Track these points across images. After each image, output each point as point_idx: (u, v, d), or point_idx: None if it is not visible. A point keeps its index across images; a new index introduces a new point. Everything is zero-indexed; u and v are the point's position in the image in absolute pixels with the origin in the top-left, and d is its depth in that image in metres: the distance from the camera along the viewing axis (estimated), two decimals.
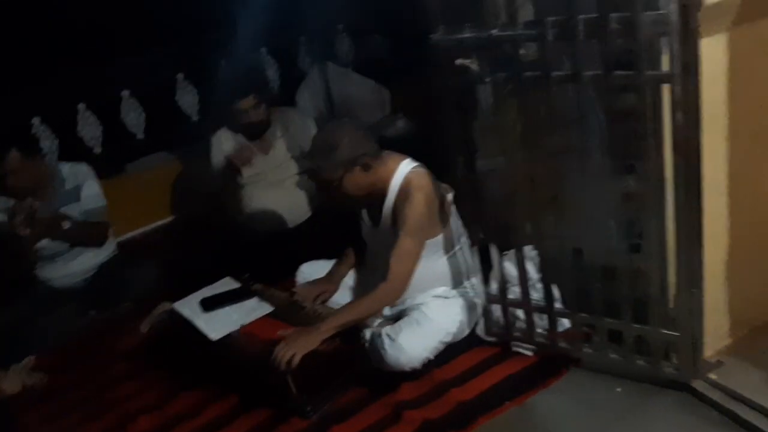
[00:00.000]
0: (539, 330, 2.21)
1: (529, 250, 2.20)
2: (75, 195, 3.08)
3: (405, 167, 2.22)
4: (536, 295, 2.20)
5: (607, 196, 1.91)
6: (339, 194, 2.21)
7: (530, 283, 2.20)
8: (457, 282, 2.36)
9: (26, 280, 3.11)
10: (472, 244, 2.27)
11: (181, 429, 2.31)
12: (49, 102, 3.65)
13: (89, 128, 3.79)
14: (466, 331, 2.34)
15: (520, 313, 2.23)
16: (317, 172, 2.21)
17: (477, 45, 1.82)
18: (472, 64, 1.85)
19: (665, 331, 1.90)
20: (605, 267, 1.97)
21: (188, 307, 2.50)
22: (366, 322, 2.30)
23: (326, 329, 2.11)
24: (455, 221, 2.33)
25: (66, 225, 2.96)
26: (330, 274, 2.51)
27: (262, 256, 2.98)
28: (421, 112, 3.61)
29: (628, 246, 1.92)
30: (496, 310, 2.28)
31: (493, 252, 2.20)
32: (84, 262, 3.14)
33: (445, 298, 2.32)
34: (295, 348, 2.05)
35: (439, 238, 2.28)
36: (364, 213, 2.39)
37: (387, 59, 4.20)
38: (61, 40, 3.50)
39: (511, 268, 2.25)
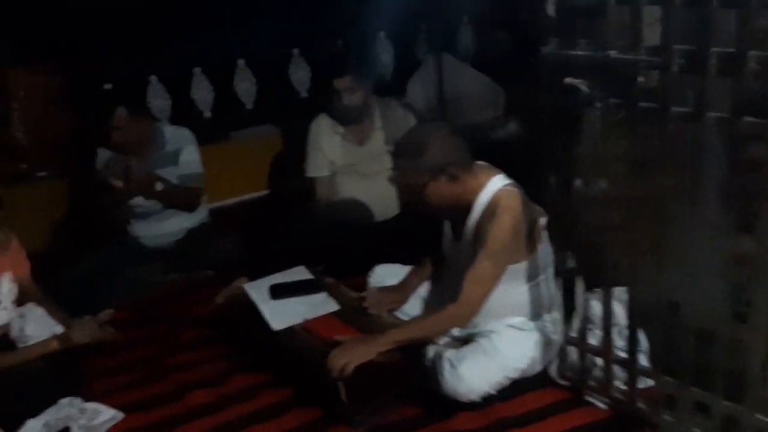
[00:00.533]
0: (618, 383, 2.00)
1: (620, 293, 1.99)
2: (174, 158, 3.14)
3: (495, 183, 2.06)
4: (621, 342, 1.99)
5: (716, 253, 1.67)
6: (421, 201, 2.09)
7: (616, 328, 2.00)
8: (536, 314, 2.18)
9: (117, 234, 3.21)
10: (558, 276, 2.08)
11: (234, 410, 2.29)
12: (168, 63, 3.73)
13: (202, 92, 3.86)
14: (538, 369, 2.17)
15: (599, 360, 2.03)
16: (400, 174, 2.09)
17: (590, 65, 1.63)
18: (582, 85, 1.66)
19: (760, 417, 1.65)
20: (702, 329, 1.74)
21: (258, 290, 2.46)
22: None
23: (384, 342, 2.01)
24: (545, 248, 2.15)
25: (159, 186, 3.01)
26: (403, 282, 2.40)
27: (342, 248, 2.91)
28: (534, 119, 3.40)
29: (732, 312, 1.68)
30: (574, 352, 2.09)
31: (579, 288, 2.01)
32: (174, 225, 3.20)
33: (520, 329, 2.14)
34: (349, 357, 1.96)
35: (523, 264, 2.11)
36: (447, 225, 2.25)
37: (508, 57, 3.99)
38: (187, 5, 3.57)
39: (597, 309, 2.05)
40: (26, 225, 3.62)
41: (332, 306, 2.35)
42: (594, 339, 2.04)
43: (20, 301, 2.65)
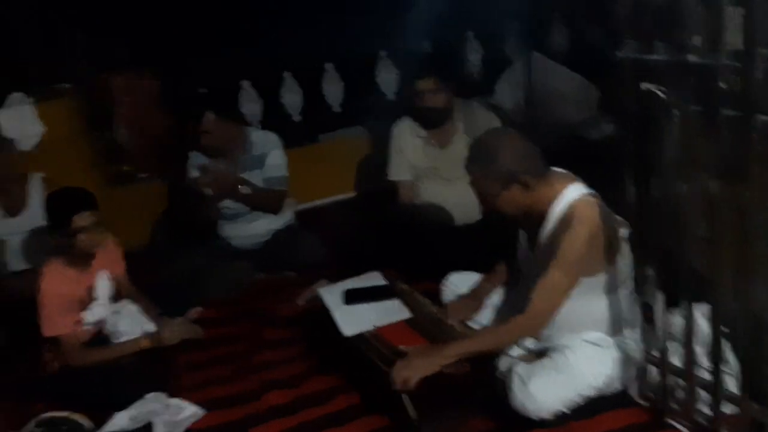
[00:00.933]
0: (702, 407, 1.87)
1: (706, 310, 1.85)
2: (260, 162, 3.23)
3: (572, 192, 1.97)
4: (707, 362, 1.85)
5: None
6: (494, 209, 2.03)
7: (702, 348, 1.86)
8: (615, 329, 2.07)
9: (207, 236, 3.34)
10: (637, 289, 1.97)
11: (308, 413, 2.32)
12: (260, 67, 3.84)
13: (291, 96, 3.95)
14: (617, 388, 2.06)
15: (682, 380, 1.90)
16: (474, 182, 2.04)
17: (668, 70, 1.52)
18: (659, 91, 1.55)
19: None
20: None
21: (332, 294, 2.49)
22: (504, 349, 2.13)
23: (450, 354, 1.97)
24: (626, 261, 2.03)
25: (245, 190, 3.10)
26: (475, 291, 2.35)
27: (421, 252, 2.89)
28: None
29: None
30: (655, 371, 1.97)
31: (659, 303, 1.89)
32: (260, 226, 3.29)
33: (597, 345, 2.04)
34: (413, 370, 1.93)
35: (601, 277, 2.01)
36: (522, 233, 2.18)
37: (602, 55, 3.81)
38: (276, 9, 3.65)
39: (679, 327, 1.92)
40: (127, 225, 3.85)
41: (404, 313, 2.33)
42: (678, 358, 1.91)
43: (115, 298, 2.81)
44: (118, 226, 3.74)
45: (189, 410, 2.42)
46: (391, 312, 2.34)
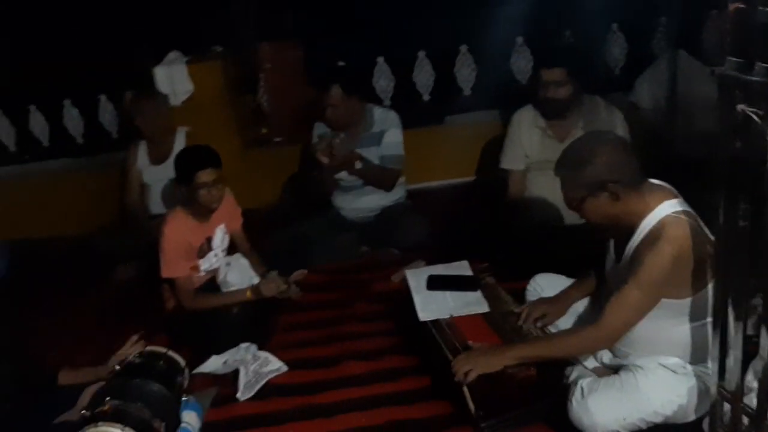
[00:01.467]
0: None
1: None
2: (378, 139, 3.32)
3: (665, 208, 1.87)
4: None
5: None
6: (577, 213, 1.98)
7: None
8: (697, 358, 1.95)
9: (323, 204, 3.49)
10: (715, 320, 1.84)
11: (379, 387, 2.42)
12: (395, 45, 3.91)
13: (423, 75, 3.99)
14: (691, 418, 1.94)
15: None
16: (562, 182, 1.99)
17: (764, 91, 1.39)
18: (756, 115, 1.42)
19: None
20: None
21: (418, 277, 2.54)
22: (577, 357, 2.08)
23: (512, 356, 1.96)
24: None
25: (359, 165, 3.21)
26: (560, 296, 2.29)
27: (519, 245, 2.85)
28: None
29: None
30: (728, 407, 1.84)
31: (733, 334, 1.75)
32: (371, 201, 3.40)
33: (673, 372, 1.93)
34: (473, 365, 1.95)
35: (687, 301, 1.90)
36: (611, 244, 2.09)
37: None
38: None
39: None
40: (258, 185, 4.14)
41: (483, 307, 2.34)
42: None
43: (229, 251, 3.04)
44: (250, 185, 4.07)
45: (274, 365, 2.60)
46: (470, 304, 2.36)
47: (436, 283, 2.47)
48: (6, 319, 3.24)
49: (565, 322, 2.27)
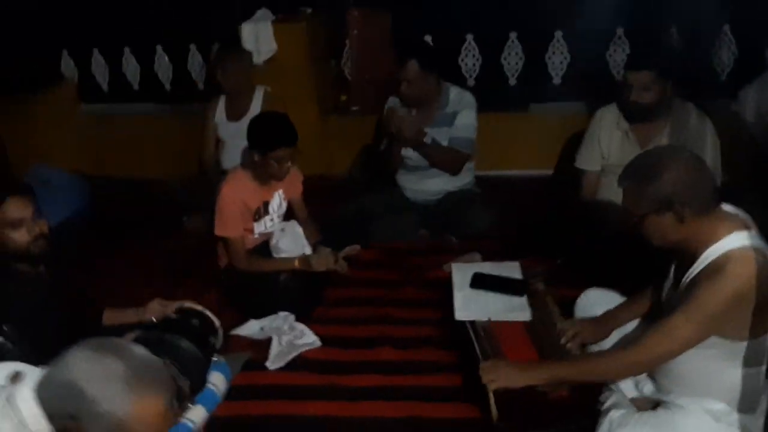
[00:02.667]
0: None
1: None
2: (451, 120, 3.20)
3: (733, 240, 1.68)
4: None
5: None
6: (637, 230, 1.81)
7: None
8: (746, 406, 1.76)
9: (387, 180, 3.42)
10: None
11: (409, 378, 2.35)
12: (487, 24, 3.75)
13: (512, 58, 3.81)
14: None
15: None
16: (624, 194, 1.83)
17: None
18: None
19: None
20: None
21: (463, 273, 2.44)
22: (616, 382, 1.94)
23: (541, 375, 1.86)
24: None
25: (428, 139, 3.11)
26: (607, 316, 2.12)
27: (584, 252, 2.68)
28: None
29: None
30: None
31: None
32: (436, 184, 3.30)
33: (716, 419, 1.76)
34: (495, 375, 1.86)
35: (743, 344, 1.71)
36: (672, 267, 1.92)
37: None
38: None
39: None
40: (332, 153, 4.12)
41: (525, 315, 2.23)
42: None
43: (285, 217, 3.04)
44: (323, 151, 4.06)
45: (308, 338, 2.59)
46: (512, 309, 2.26)
47: (480, 282, 2.37)
48: (76, 252, 3.40)
49: (610, 344, 2.11)
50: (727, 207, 1.78)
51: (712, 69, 3.56)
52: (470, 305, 2.27)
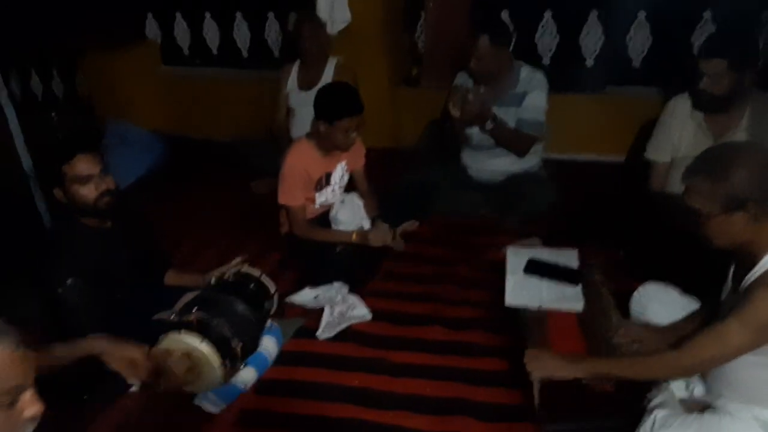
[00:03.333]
0: None
1: None
2: (520, 100, 3.12)
3: None
4: None
5: None
6: (700, 229, 1.74)
7: None
8: None
9: (453, 157, 3.39)
10: None
11: (455, 360, 2.36)
12: (566, 2, 3.62)
13: (590, 38, 3.68)
14: None
15: None
16: (688, 191, 1.75)
17: None
18: None
19: None
20: None
21: (518, 257, 2.40)
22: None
23: (584, 369, 1.83)
24: None
25: (489, 125, 3.06)
26: (668, 329, 2.04)
27: (646, 243, 2.60)
28: None
29: None
30: None
31: None
32: (500, 164, 3.24)
33: (766, 430, 1.70)
34: (538, 365, 1.85)
35: None
36: (731, 270, 1.84)
37: None
38: None
39: None
40: (400, 125, 4.10)
41: (578, 305, 2.17)
42: None
43: (347, 189, 3.06)
44: (392, 123, 4.05)
45: (360, 311, 2.62)
46: (565, 299, 2.21)
47: (535, 268, 2.33)
48: (148, 208, 3.55)
49: None
50: None
51: None
52: (522, 291, 2.24)
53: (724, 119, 2.64)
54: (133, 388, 2.22)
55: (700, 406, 1.86)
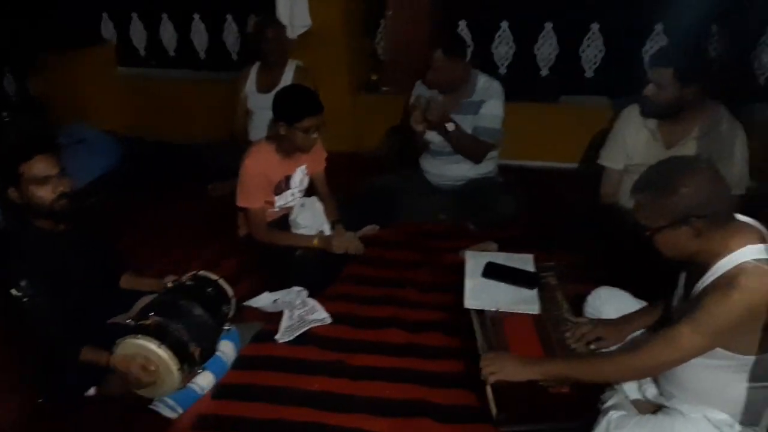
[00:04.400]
0: None
1: None
2: (476, 108, 3.17)
3: (747, 253, 1.65)
4: None
5: None
6: (649, 242, 1.80)
7: None
8: (749, 419, 1.75)
9: (411, 163, 3.42)
10: None
11: (411, 362, 2.37)
12: (522, 12, 3.70)
13: (546, 48, 3.77)
14: None
15: None
16: (637, 205, 1.81)
17: None
18: None
19: None
20: None
21: (476, 261, 2.44)
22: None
23: (541, 372, 1.88)
24: None
25: (450, 127, 3.10)
26: (620, 322, 2.11)
27: (599, 248, 2.67)
28: None
29: None
30: None
31: None
32: (457, 170, 3.29)
33: (717, 428, 1.76)
34: (496, 368, 1.88)
35: (751, 358, 1.69)
36: (682, 277, 1.90)
37: None
38: None
39: None
40: (359, 131, 4.12)
41: (534, 308, 2.22)
42: None
43: (307, 193, 3.06)
44: (352, 129, 4.07)
45: (320, 315, 2.63)
46: (522, 302, 2.25)
47: (492, 272, 2.37)
48: (103, 210, 3.48)
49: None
50: (744, 219, 1.76)
51: (751, 72, 3.47)
52: (480, 294, 2.28)
53: (676, 129, 2.73)
54: (90, 392, 2.19)
55: (652, 407, 1.92)
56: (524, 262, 2.44)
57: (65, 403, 2.16)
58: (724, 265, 1.67)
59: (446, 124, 3.08)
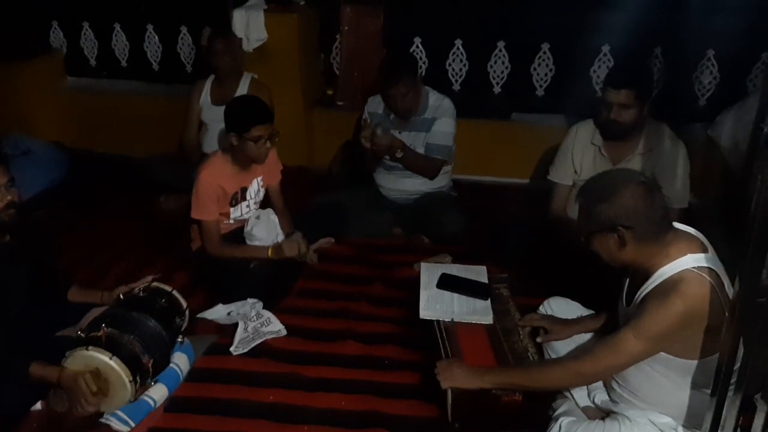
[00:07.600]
0: None
1: None
2: (428, 125, 3.23)
3: (687, 261, 1.73)
4: None
5: None
6: (586, 246, 1.87)
7: None
8: (692, 422, 1.82)
9: (365, 177, 3.45)
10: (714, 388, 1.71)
11: (368, 374, 2.39)
12: (475, 31, 3.79)
13: (498, 67, 3.86)
14: None
15: None
16: (578, 208, 1.88)
17: None
18: None
19: None
20: None
21: (431, 273, 2.47)
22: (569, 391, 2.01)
23: (489, 381, 1.93)
24: None
25: (399, 154, 3.15)
26: (570, 321, 2.20)
27: (548, 261, 2.74)
28: None
29: None
30: None
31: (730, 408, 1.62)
32: (411, 185, 3.32)
33: (660, 431, 1.83)
34: (448, 375, 1.93)
35: (692, 363, 1.77)
36: (625, 284, 1.98)
37: None
38: None
39: None
40: (313, 144, 4.14)
41: (487, 318, 2.27)
42: None
43: (262, 205, 3.06)
44: (306, 143, 4.08)
45: (274, 327, 2.62)
46: (475, 312, 2.29)
47: (447, 283, 2.40)
48: (49, 223, 3.40)
49: (566, 345, 2.17)
50: (685, 228, 1.84)
51: (692, 92, 3.63)
52: (435, 305, 2.31)
53: (621, 146, 2.82)
54: (36, 406, 2.13)
55: (601, 413, 1.99)
56: (478, 273, 2.48)
57: (9, 417, 2.09)
58: (665, 272, 1.75)
59: (396, 150, 3.13)
